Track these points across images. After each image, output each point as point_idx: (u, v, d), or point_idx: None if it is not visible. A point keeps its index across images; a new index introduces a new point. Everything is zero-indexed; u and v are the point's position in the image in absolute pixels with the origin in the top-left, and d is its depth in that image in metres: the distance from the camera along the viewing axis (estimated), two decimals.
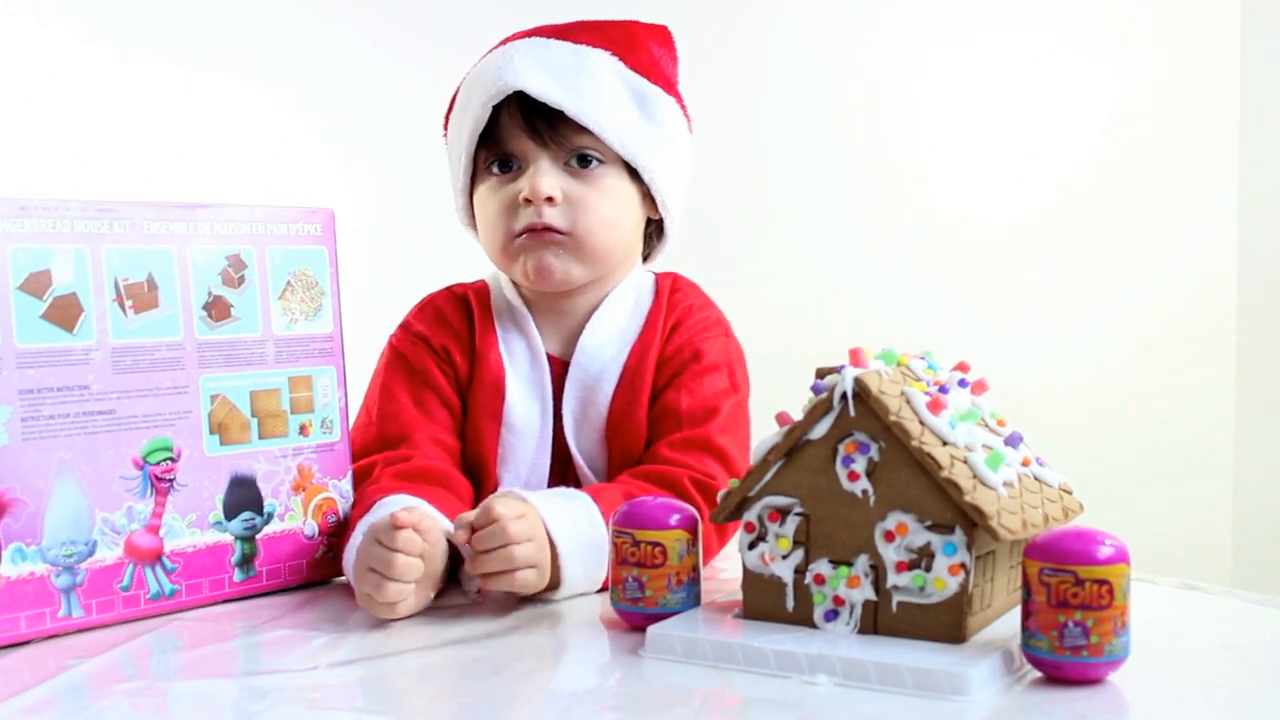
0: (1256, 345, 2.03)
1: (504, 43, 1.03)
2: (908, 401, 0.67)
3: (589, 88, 0.99)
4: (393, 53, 1.79)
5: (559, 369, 1.03)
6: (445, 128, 1.08)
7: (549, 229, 0.97)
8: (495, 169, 1.00)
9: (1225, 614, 0.79)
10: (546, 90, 0.97)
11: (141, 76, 1.82)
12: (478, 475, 1.01)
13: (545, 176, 0.97)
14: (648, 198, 1.03)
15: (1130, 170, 2.05)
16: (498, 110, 0.98)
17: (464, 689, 0.64)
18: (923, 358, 0.74)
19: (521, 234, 0.98)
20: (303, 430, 0.88)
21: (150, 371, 0.80)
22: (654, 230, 1.08)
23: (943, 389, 0.70)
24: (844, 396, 0.66)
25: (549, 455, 1.01)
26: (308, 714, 0.61)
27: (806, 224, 1.92)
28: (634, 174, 1.01)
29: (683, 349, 1.01)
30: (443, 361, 1.02)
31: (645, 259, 1.09)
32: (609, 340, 1.03)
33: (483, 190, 1.02)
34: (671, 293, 1.06)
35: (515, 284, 1.05)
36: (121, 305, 0.78)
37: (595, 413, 1.00)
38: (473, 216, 1.05)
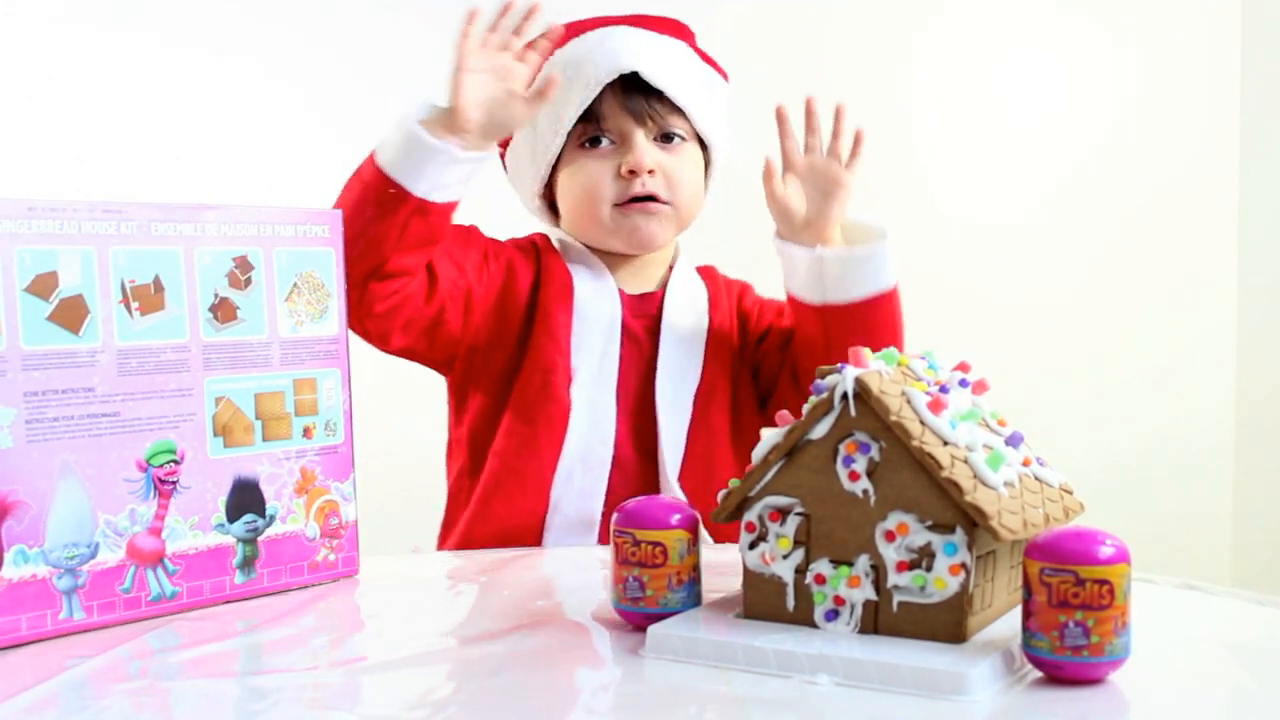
0: (1257, 345, 2.04)
1: (578, 31, 1.13)
2: (908, 401, 0.67)
3: (683, 73, 1.12)
4: (405, 54, 1.79)
5: (628, 299, 1.14)
6: None
7: (652, 198, 1.11)
8: (587, 144, 1.12)
9: (1225, 614, 0.79)
10: (656, 74, 1.09)
11: (148, 77, 1.82)
12: (552, 363, 1.10)
13: (647, 151, 1.11)
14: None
15: (1131, 170, 2.05)
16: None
17: (464, 689, 0.64)
18: (923, 358, 0.74)
19: (623, 204, 1.10)
20: (306, 433, 0.88)
21: (155, 374, 0.80)
22: None
23: (943, 389, 0.70)
24: (844, 396, 0.66)
25: (618, 344, 1.12)
26: (308, 714, 0.61)
27: None
28: (701, 147, 1.15)
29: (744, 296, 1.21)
30: (492, 260, 1.13)
31: None
32: (686, 302, 1.17)
33: (571, 166, 1.13)
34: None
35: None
36: (128, 307, 0.78)
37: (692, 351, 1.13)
38: (548, 192, 1.16)
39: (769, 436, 0.70)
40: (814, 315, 1.09)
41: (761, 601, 0.70)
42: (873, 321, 1.07)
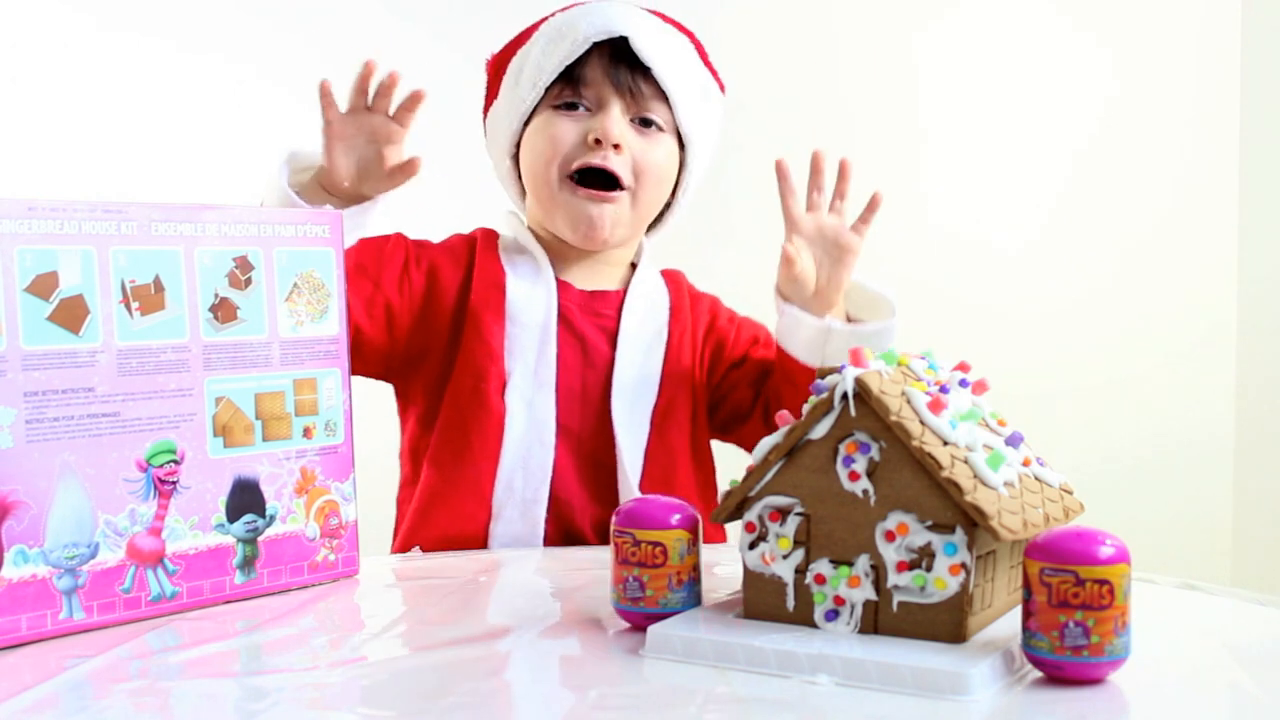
0: (1257, 345, 2.04)
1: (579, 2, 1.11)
2: (908, 401, 0.67)
3: (676, 60, 1.09)
4: (406, 55, 1.79)
5: (577, 295, 1.11)
6: (499, 64, 1.14)
7: (612, 178, 1.05)
8: (562, 106, 1.07)
9: (1225, 614, 0.79)
10: (646, 48, 1.06)
11: (149, 77, 1.82)
12: (483, 368, 1.06)
13: (618, 123, 1.05)
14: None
15: (1130, 170, 2.05)
16: (584, 53, 1.06)
17: (464, 689, 0.64)
18: (923, 358, 0.74)
19: (577, 172, 1.06)
20: (306, 433, 0.88)
21: (155, 374, 0.80)
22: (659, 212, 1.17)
23: (943, 389, 0.70)
24: (845, 396, 0.66)
25: (554, 347, 1.07)
26: (308, 714, 0.61)
27: None
28: (681, 148, 1.11)
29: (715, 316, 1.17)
30: (413, 268, 1.09)
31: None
32: (644, 309, 1.12)
33: (540, 121, 1.09)
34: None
35: (534, 234, 1.12)
36: (128, 307, 0.78)
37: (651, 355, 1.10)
38: (514, 150, 1.12)
39: (769, 436, 0.70)
40: (806, 375, 1.05)
41: (761, 601, 0.70)
42: None
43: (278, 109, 1.87)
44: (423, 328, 1.09)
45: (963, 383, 0.73)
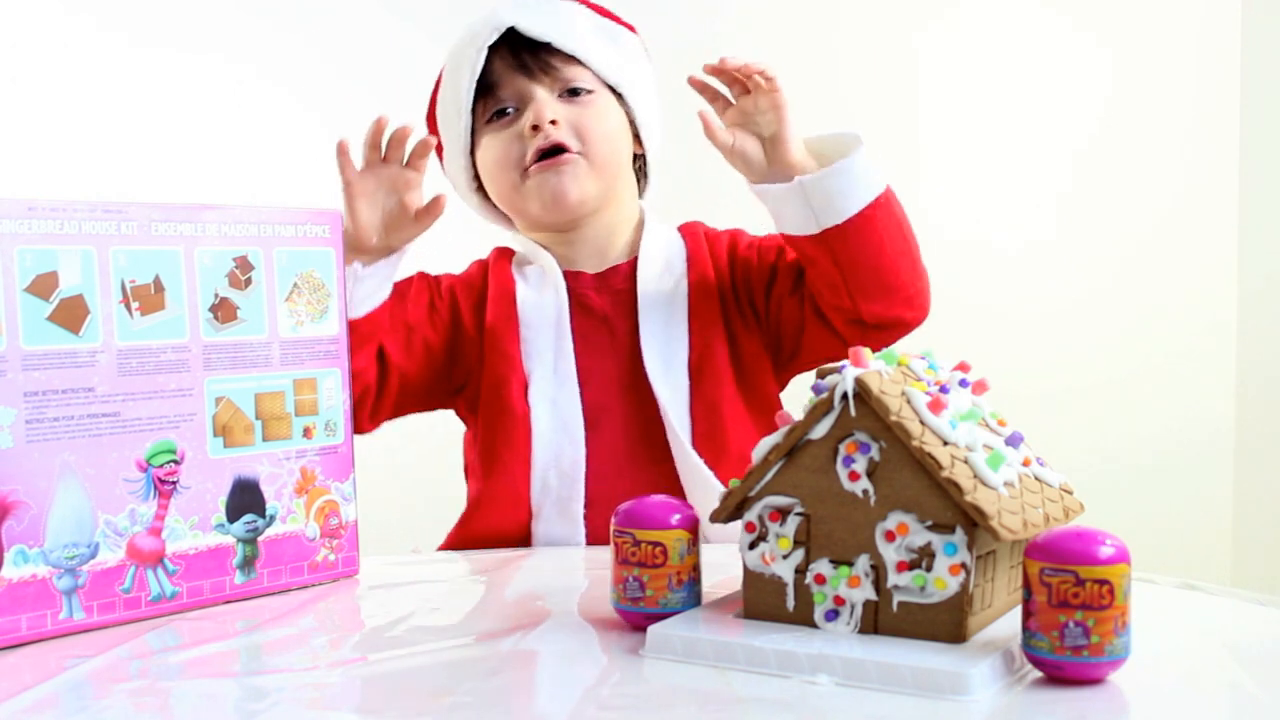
0: (1257, 345, 2.03)
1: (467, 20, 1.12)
2: (908, 401, 0.67)
3: (570, 24, 1.10)
4: (404, 54, 1.79)
5: (590, 279, 1.12)
6: (431, 119, 1.16)
7: (559, 147, 1.07)
8: (494, 119, 1.10)
9: (1225, 614, 0.79)
10: (535, 26, 1.08)
11: (149, 76, 1.82)
12: (502, 376, 1.08)
13: (546, 104, 1.08)
14: (632, 131, 1.14)
15: (1131, 169, 2.05)
16: (488, 63, 1.08)
17: (464, 689, 0.64)
18: (923, 358, 0.74)
19: (532, 164, 1.08)
20: (306, 433, 0.88)
21: (155, 374, 0.80)
22: (639, 167, 1.18)
23: (943, 389, 0.70)
24: (844, 396, 0.66)
25: (570, 343, 1.09)
26: (308, 714, 0.61)
27: None
28: (618, 101, 1.12)
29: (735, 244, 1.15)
30: (438, 301, 1.12)
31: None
32: (659, 258, 1.13)
33: (485, 142, 1.12)
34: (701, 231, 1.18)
35: (535, 240, 1.15)
36: (128, 307, 0.79)
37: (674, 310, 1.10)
38: (475, 180, 1.15)
39: (769, 436, 0.70)
40: (816, 246, 1.02)
41: (761, 601, 0.70)
42: (877, 230, 1.01)
43: (278, 109, 1.87)
44: (457, 356, 1.12)
45: (963, 383, 0.73)
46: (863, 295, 1.02)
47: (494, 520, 1.08)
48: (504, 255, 1.16)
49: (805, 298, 1.08)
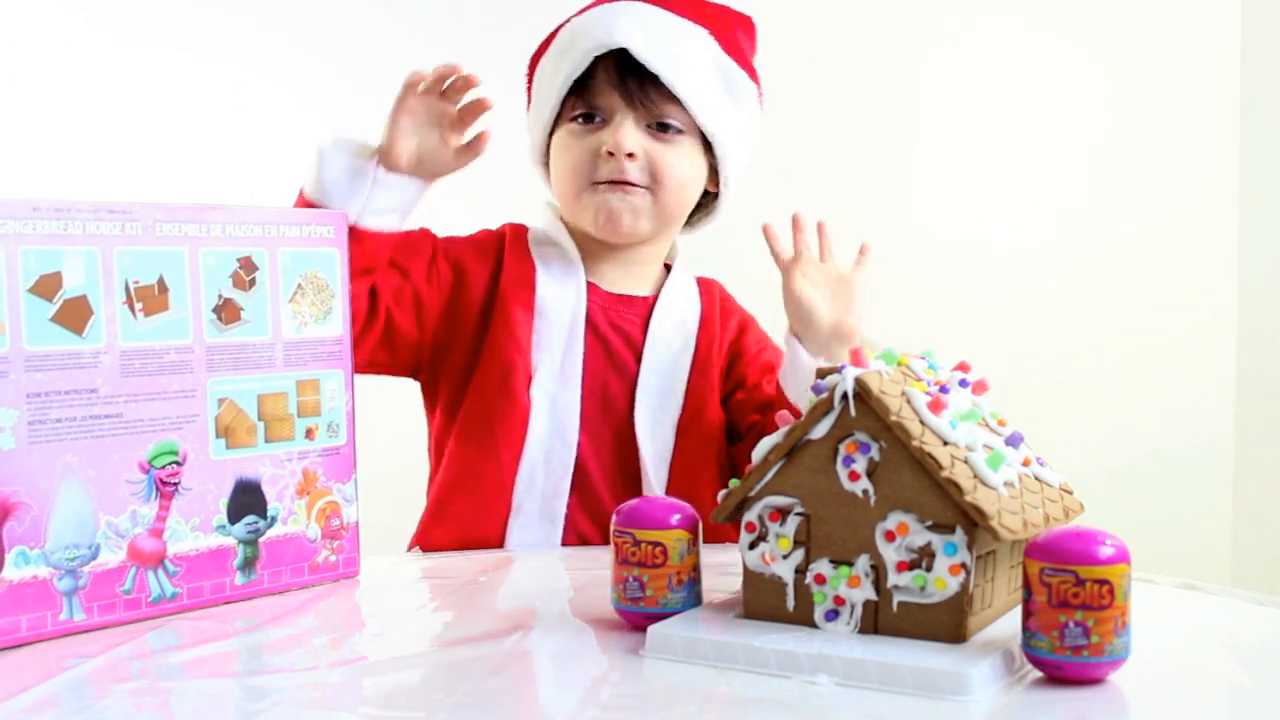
0: (1257, 345, 2.03)
1: (597, 2, 1.10)
2: (908, 401, 0.67)
3: (685, 59, 1.07)
4: (411, 54, 1.79)
5: (605, 298, 1.11)
6: (531, 69, 1.15)
7: (628, 183, 1.05)
8: (579, 119, 1.08)
9: (1225, 614, 0.79)
10: (647, 53, 1.04)
11: (153, 76, 1.82)
12: (510, 361, 1.06)
13: (629, 134, 1.05)
14: (711, 171, 1.12)
15: (1131, 170, 2.05)
16: (593, 64, 1.05)
17: (464, 689, 0.64)
18: (923, 358, 0.74)
19: (599, 184, 1.06)
20: (309, 434, 0.88)
21: (158, 375, 0.80)
22: (702, 202, 1.16)
23: (943, 389, 0.71)
24: (845, 396, 0.66)
25: (581, 345, 1.08)
26: (308, 714, 0.61)
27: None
28: (706, 147, 1.10)
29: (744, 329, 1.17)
30: (441, 260, 1.09)
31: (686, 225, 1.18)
32: (677, 314, 1.13)
33: (562, 135, 1.10)
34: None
35: (567, 227, 1.13)
36: (131, 308, 0.78)
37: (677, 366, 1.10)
38: (546, 157, 1.13)
39: (769, 436, 0.70)
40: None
41: (761, 601, 0.70)
42: None
43: (279, 109, 1.87)
44: (450, 320, 1.10)
45: (963, 383, 0.73)
46: None
47: (474, 506, 1.06)
48: (520, 235, 1.14)
49: (755, 426, 1.10)
